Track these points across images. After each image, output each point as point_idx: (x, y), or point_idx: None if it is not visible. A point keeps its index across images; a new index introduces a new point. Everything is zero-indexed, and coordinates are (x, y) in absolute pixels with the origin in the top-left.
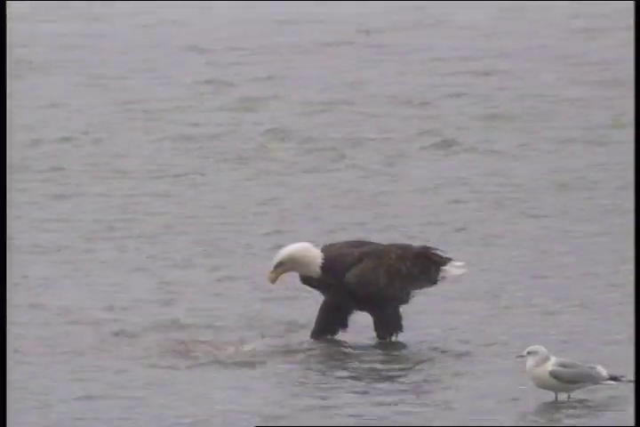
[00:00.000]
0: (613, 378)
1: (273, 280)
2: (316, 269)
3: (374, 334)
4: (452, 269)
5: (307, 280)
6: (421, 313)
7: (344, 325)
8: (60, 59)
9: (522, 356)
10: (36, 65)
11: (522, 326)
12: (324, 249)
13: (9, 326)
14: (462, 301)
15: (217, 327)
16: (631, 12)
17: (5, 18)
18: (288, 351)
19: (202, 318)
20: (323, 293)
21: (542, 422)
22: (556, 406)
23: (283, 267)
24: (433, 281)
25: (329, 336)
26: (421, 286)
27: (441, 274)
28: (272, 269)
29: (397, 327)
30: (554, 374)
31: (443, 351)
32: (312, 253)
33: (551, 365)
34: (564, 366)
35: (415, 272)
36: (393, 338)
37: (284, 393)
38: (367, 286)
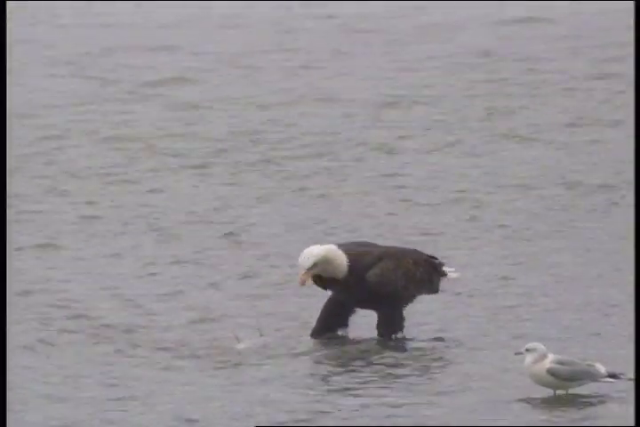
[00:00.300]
0: (612, 376)
1: (304, 282)
2: (344, 270)
3: (376, 332)
4: (449, 274)
5: (321, 281)
6: (420, 313)
7: (345, 324)
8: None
9: (520, 353)
10: None
11: (520, 323)
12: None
13: (14, 324)
14: (460, 299)
15: (214, 326)
16: (631, 11)
17: (5, 18)
18: (288, 350)
19: (200, 315)
20: (335, 292)
21: (540, 419)
22: (553, 403)
23: (315, 268)
24: (435, 290)
25: (329, 335)
26: (426, 293)
27: (441, 283)
28: (304, 271)
29: (400, 327)
30: (551, 372)
31: (442, 350)
32: (340, 253)
33: (549, 362)
34: (561, 363)
35: (425, 279)
36: (394, 337)
37: (285, 394)
38: (387, 286)
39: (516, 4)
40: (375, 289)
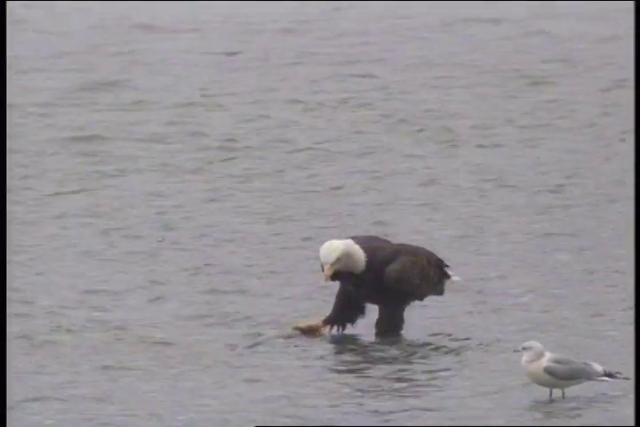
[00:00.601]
0: (608, 375)
1: (328, 278)
2: (362, 265)
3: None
4: (452, 277)
5: (334, 274)
6: (418, 310)
7: (362, 313)
8: None
9: (518, 351)
10: None
11: (518, 322)
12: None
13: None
14: (457, 298)
15: (208, 324)
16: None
17: (5, 18)
18: (282, 349)
19: (191, 314)
20: (345, 285)
21: (537, 417)
22: (549, 402)
23: (337, 264)
24: (441, 291)
25: (348, 324)
26: (433, 294)
27: (445, 285)
28: (328, 266)
29: (400, 327)
30: (548, 371)
31: (439, 349)
32: (357, 248)
33: (546, 361)
34: (558, 362)
35: (435, 280)
36: (392, 336)
37: (280, 395)
38: (405, 283)
39: (464, 4)
40: (393, 285)
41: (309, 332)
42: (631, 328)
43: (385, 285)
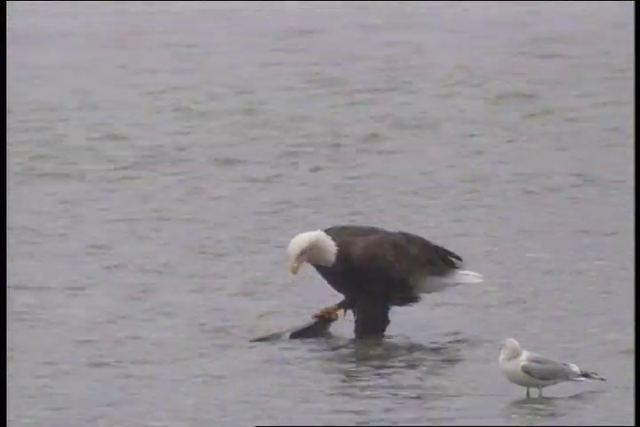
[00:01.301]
0: (585, 375)
1: (295, 270)
2: (332, 258)
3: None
4: (467, 277)
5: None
6: (410, 310)
7: None
8: None
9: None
10: None
11: (501, 323)
12: (329, 234)
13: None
14: (440, 298)
15: (202, 324)
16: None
17: (5, 17)
18: (281, 348)
19: (184, 312)
20: (326, 280)
21: (514, 417)
22: (527, 402)
23: (304, 256)
24: (440, 272)
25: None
26: (430, 274)
27: (452, 277)
28: (293, 259)
29: (379, 328)
30: (525, 370)
31: (420, 349)
32: (328, 240)
33: (523, 360)
34: (536, 361)
35: (422, 259)
36: (367, 338)
37: (270, 397)
38: (373, 260)
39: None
40: (363, 264)
41: (326, 314)
42: (616, 328)
43: (354, 273)
